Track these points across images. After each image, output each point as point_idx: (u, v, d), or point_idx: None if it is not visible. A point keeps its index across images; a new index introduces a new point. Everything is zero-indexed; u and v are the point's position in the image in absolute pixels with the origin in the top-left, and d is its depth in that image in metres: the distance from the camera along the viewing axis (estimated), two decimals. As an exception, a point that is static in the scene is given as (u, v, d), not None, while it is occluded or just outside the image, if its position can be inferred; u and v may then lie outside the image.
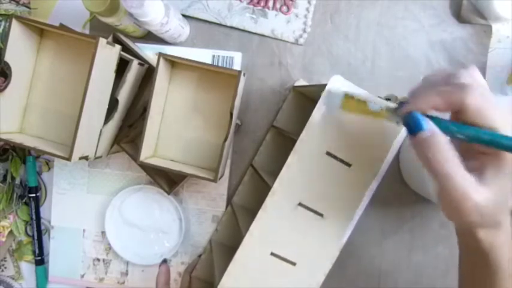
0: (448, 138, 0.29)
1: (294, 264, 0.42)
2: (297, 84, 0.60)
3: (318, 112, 0.39)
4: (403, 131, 0.40)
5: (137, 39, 0.61)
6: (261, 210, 0.41)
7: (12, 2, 0.63)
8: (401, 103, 0.32)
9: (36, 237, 0.64)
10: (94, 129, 0.52)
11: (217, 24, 0.61)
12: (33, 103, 0.54)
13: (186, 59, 0.52)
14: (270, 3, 0.60)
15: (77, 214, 0.64)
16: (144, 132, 0.51)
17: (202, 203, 0.63)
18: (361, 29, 0.60)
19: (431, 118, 0.30)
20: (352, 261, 0.61)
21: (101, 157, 0.56)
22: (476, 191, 0.28)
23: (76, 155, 0.48)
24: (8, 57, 0.49)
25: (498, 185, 0.29)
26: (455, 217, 0.30)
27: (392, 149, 0.40)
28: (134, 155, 0.57)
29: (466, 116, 0.29)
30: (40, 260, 0.65)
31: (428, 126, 0.29)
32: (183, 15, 0.60)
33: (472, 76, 0.30)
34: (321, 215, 0.41)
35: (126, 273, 0.65)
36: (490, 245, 0.31)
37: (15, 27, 0.48)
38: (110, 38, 0.58)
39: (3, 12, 0.64)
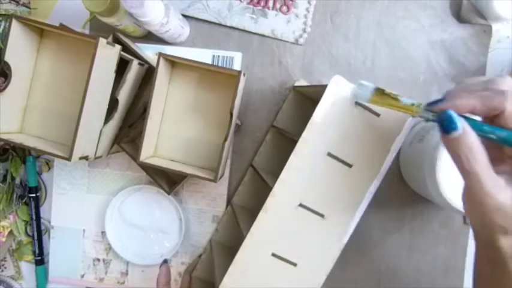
0: (479, 139, 0.30)
1: (295, 264, 0.42)
2: (297, 84, 0.60)
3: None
4: (403, 132, 0.40)
5: (137, 39, 0.61)
6: (261, 211, 0.41)
7: (12, 2, 0.63)
8: (436, 101, 0.33)
9: (36, 237, 0.64)
10: (94, 129, 0.52)
11: (217, 24, 0.61)
12: (33, 103, 0.54)
13: (186, 59, 0.52)
14: (270, 3, 0.60)
15: (77, 214, 0.64)
16: (144, 132, 0.51)
17: (202, 203, 0.63)
18: (361, 29, 0.60)
19: (465, 118, 0.31)
20: (353, 261, 0.61)
21: (101, 157, 0.56)
22: (502, 191, 0.29)
23: (76, 155, 0.48)
24: (8, 57, 0.49)
25: None
26: (478, 218, 0.31)
27: (393, 149, 0.40)
28: (134, 155, 0.57)
29: (502, 120, 0.30)
30: (40, 260, 0.65)
31: (462, 125, 0.30)
32: (183, 15, 0.60)
33: (510, 84, 0.31)
34: (321, 215, 0.41)
35: (126, 273, 0.65)
36: (510, 253, 0.31)
37: (15, 27, 0.48)
38: (110, 38, 0.58)
39: (3, 12, 0.64)
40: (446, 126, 0.31)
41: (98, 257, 0.65)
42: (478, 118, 0.32)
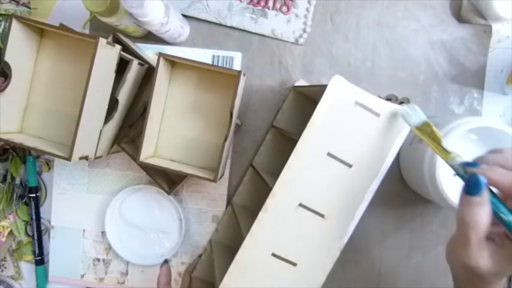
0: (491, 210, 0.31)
1: (294, 264, 0.42)
2: (297, 84, 0.60)
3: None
4: (403, 133, 0.40)
5: (137, 39, 0.61)
6: (261, 211, 0.41)
7: (12, 2, 0.63)
8: (472, 163, 0.34)
9: (36, 237, 0.64)
10: (94, 129, 0.52)
11: (217, 24, 0.61)
12: (33, 103, 0.54)
13: (186, 59, 0.52)
14: (270, 3, 0.60)
15: (77, 214, 0.64)
16: (144, 132, 0.51)
17: (202, 203, 0.63)
18: (361, 29, 0.60)
19: (491, 191, 0.32)
20: (353, 261, 0.61)
21: (101, 157, 0.56)
22: (483, 261, 0.31)
23: (76, 155, 0.48)
24: (8, 57, 0.49)
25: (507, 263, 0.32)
26: (455, 267, 0.35)
27: (393, 149, 0.40)
28: (134, 155, 0.57)
29: None
30: (40, 260, 0.65)
31: (484, 194, 0.31)
32: (183, 15, 0.60)
33: None
34: (321, 215, 0.41)
35: (126, 273, 0.65)
36: None
37: (15, 27, 0.48)
38: (110, 38, 0.58)
39: (3, 12, 0.64)
40: (470, 187, 0.32)
41: (98, 257, 0.65)
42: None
